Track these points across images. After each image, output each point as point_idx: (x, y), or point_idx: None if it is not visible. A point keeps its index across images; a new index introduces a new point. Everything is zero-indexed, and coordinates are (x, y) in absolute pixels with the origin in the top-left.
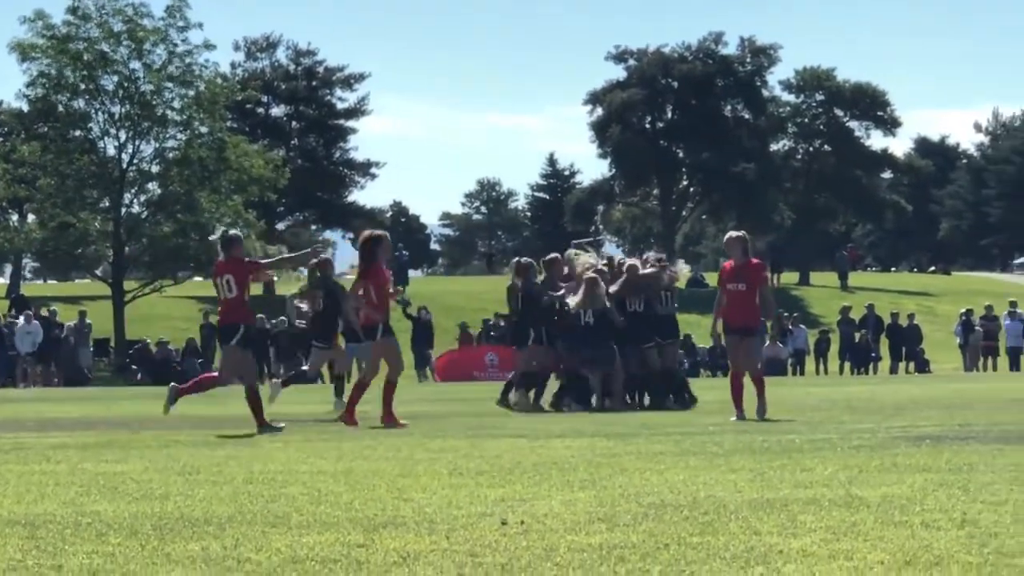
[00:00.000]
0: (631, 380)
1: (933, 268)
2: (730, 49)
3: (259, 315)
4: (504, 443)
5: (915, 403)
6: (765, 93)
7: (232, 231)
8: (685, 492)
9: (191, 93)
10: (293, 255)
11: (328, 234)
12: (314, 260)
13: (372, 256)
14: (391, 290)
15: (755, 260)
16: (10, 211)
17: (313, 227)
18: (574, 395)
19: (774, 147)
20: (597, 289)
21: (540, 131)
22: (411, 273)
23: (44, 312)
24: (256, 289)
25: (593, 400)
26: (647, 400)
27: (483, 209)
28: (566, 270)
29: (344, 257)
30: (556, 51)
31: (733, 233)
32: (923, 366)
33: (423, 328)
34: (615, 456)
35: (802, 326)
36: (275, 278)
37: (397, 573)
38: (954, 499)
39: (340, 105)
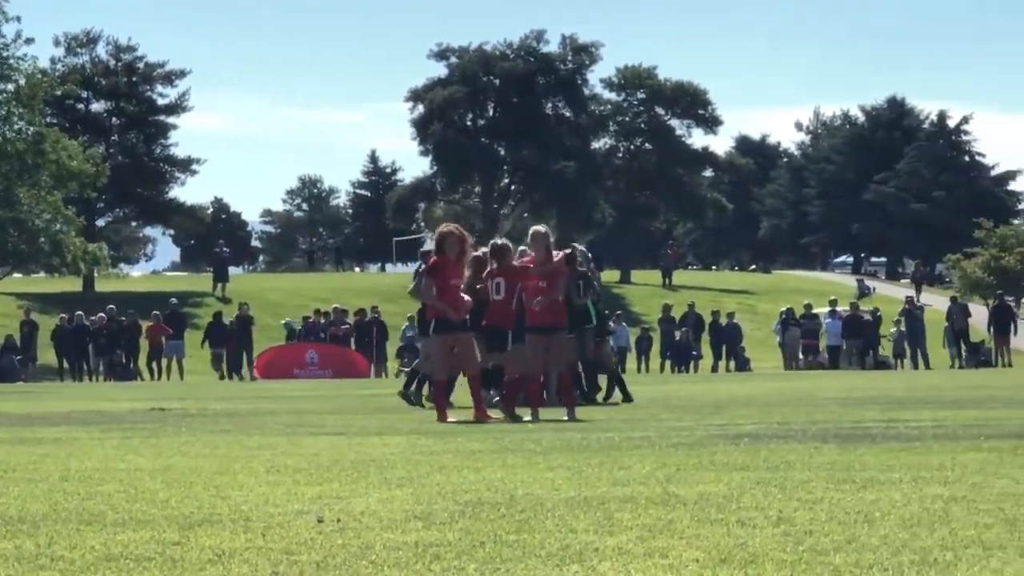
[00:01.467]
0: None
1: (754, 267)
2: (552, 47)
3: (78, 312)
4: (323, 441)
5: (734, 401)
6: (586, 91)
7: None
8: (502, 490)
9: (9, 87)
10: None
11: (148, 230)
12: None
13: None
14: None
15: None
16: None
17: (133, 223)
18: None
19: (595, 145)
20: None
21: (362, 128)
22: (232, 270)
23: None
24: (75, 285)
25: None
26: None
27: (304, 206)
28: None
29: (164, 253)
30: (378, 48)
31: (537, 228)
32: (744, 364)
33: (243, 325)
34: (434, 454)
35: (624, 324)
36: None
37: (211, 571)
38: (770, 497)
39: (161, 101)
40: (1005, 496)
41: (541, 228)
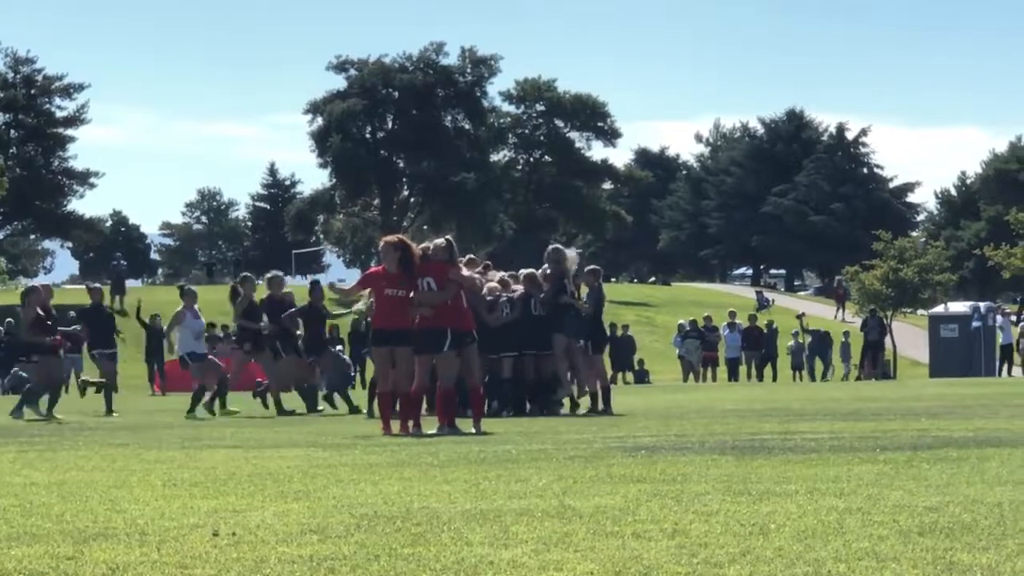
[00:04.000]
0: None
1: (653, 279)
2: (451, 60)
3: None
4: (220, 454)
5: (632, 413)
6: (485, 103)
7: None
8: (399, 503)
9: None
10: None
11: (47, 243)
12: None
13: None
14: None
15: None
16: None
17: (32, 236)
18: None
19: (495, 157)
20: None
21: (261, 140)
22: (130, 283)
23: None
24: None
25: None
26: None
27: (203, 219)
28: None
29: (63, 266)
30: (277, 60)
31: (439, 241)
32: (643, 376)
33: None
34: (330, 467)
35: None
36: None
37: None
38: (666, 509)
39: (59, 114)
40: (900, 508)
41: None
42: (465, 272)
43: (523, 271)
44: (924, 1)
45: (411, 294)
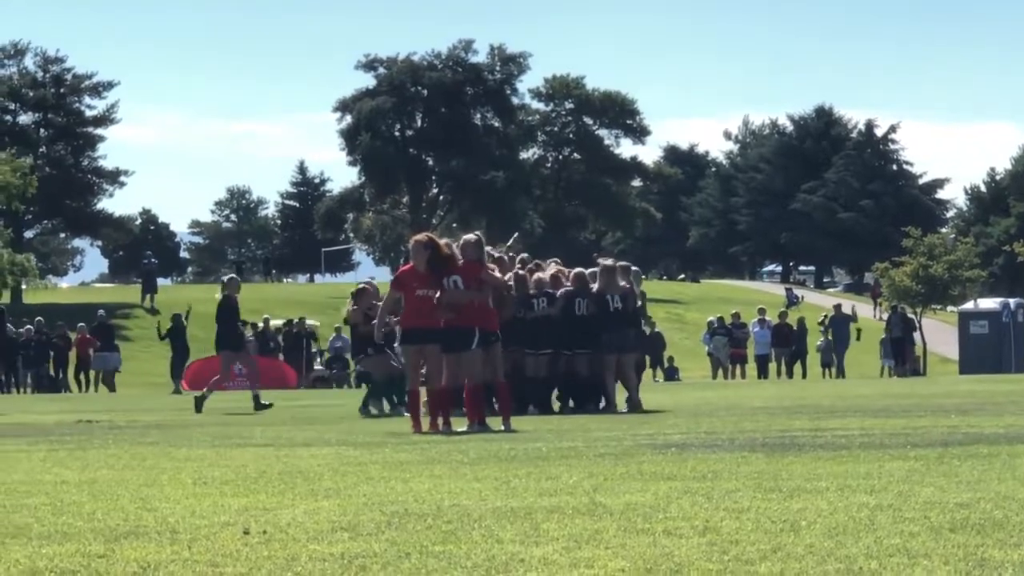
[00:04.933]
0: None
1: (683, 276)
2: (480, 57)
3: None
4: (250, 452)
5: (662, 410)
6: (515, 101)
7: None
8: (429, 501)
9: None
10: None
11: (77, 242)
12: None
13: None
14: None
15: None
16: None
17: (62, 235)
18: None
19: (524, 155)
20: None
21: (291, 139)
22: (160, 281)
23: None
24: (2, 297)
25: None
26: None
27: (233, 217)
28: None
29: (93, 264)
30: (306, 58)
31: (469, 236)
32: (673, 374)
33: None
34: (361, 465)
35: None
36: None
37: None
38: (697, 507)
39: (89, 113)
40: (931, 505)
41: (472, 237)
42: (496, 273)
43: (574, 270)
44: None
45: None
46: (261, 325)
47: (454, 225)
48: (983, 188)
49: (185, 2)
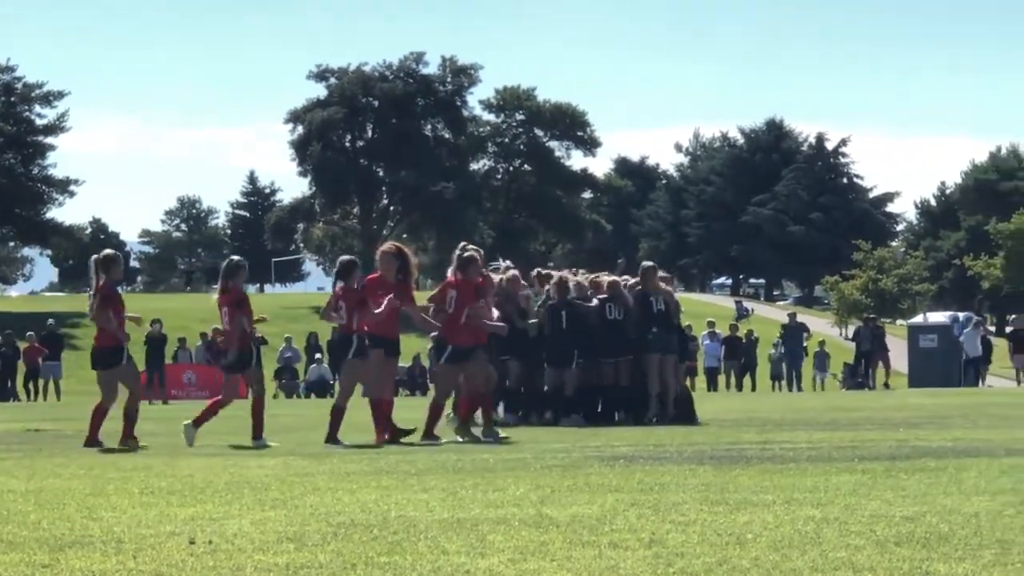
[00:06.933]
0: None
1: None
2: (431, 68)
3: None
4: (197, 462)
5: (611, 422)
6: (465, 112)
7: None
8: (376, 511)
9: None
10: None
11: (27, 251)
12: None
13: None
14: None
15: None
16: None
17: (11, 243)
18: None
19: (474, 166)
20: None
21: (241, 149)
22: None
23: None
24: None
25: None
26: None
27: (183, 227)
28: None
29: (43, 274)
30: (258, 69)
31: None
32: None
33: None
34: (308, 475)
35: None
36: None
37: None
38: (643, 519)
39: (39, 122)
40: (877, 518)
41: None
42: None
43: (605, 276)
44: (904, 11)
45: (403, 304)
46: (211, 335)
47: (404, 236)
48: (933, 202)
49: (137, 13)
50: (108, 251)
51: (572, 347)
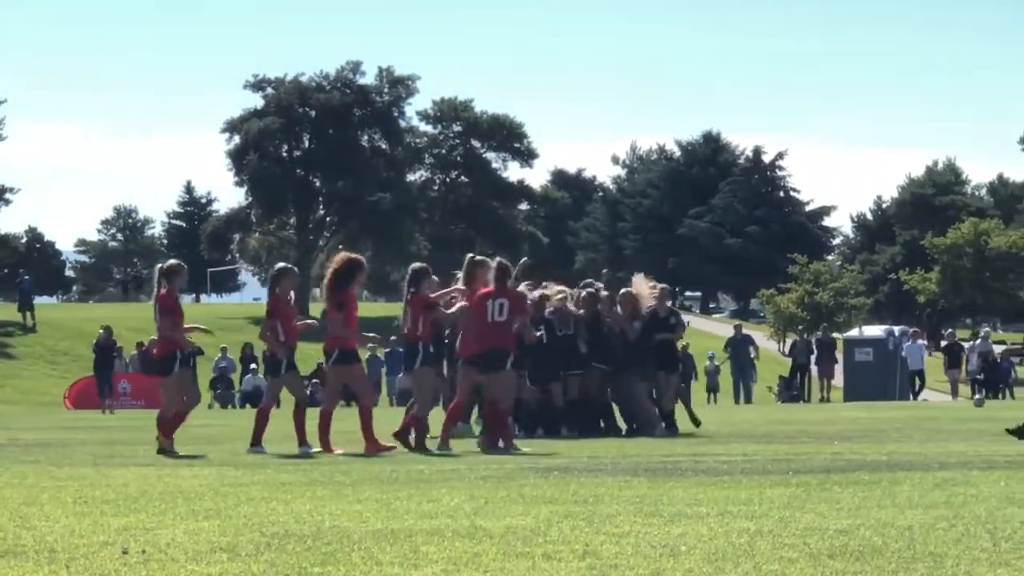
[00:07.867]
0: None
1: None
2: (368, 79)
3: None
4: (131, 472)
5: (545, 435)
6: (402, 123)
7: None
8: (310, 522)
9: None
10: None
11: None
12: None
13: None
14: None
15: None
16: None
17: None
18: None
19: (411, 177)
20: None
21: (178, 158)
22: (44, 300)
23: None
24: None
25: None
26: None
27: (119, 236)
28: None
29: None
30: (195, 78)
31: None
32: None
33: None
34: (242, 485)
35: None
36: None
37: None
38: (577, 531)
39: None
40: (811, 531)
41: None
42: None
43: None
44: (841, 23)
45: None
46: (146, 344)
47: (340, 247)
48: (870, 216)
49: (73, 20)
50: (172, 261)
51: (558, 363)
